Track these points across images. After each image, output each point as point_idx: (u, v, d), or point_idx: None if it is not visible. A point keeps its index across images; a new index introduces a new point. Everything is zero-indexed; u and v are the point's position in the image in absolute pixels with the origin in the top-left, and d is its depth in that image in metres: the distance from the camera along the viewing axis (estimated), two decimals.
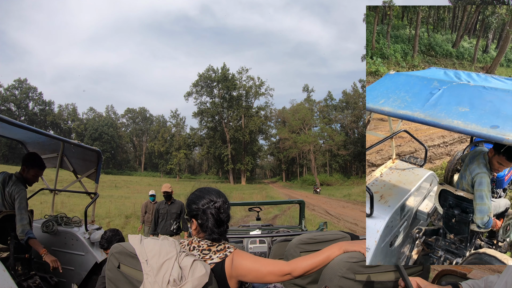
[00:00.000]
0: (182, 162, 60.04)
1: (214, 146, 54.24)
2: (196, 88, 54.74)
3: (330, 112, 59.07)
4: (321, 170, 53.90)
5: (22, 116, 60.17)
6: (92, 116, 67.84)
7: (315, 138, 50.84)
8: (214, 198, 1.40)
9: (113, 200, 20.19)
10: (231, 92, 54.31)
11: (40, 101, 62.95)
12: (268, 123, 60.87)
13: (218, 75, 54.31)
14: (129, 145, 74.99)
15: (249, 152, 55.80)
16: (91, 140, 59.10)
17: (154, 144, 63.64)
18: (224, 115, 55.27)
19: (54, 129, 64.13)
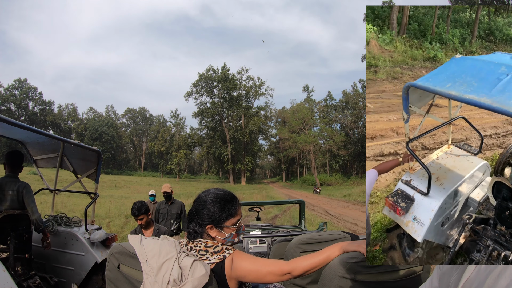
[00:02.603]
0: (182, 162, 60.05)
1: (214, 146, 54.24)
2: (196, 88, 54.76)
3: (330, 112, 59.08)
4: (321, 170, 53.90)
5: (22, 116, 60.17)
6: (92, 116, 67.85)
7: (315, 138, 50.84)
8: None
9: (113, 200, 20.19)
10: (231, 92, 54.31)
11: (40, 101, 62.96)
12: (268, 123, 60.91)
13: (218, 75, 54.31)
14: (129, 145, 75.02)
15: (249, 152, 55.80)
16: (91, 140, 59.10)
17: (154, 144, 63.65)
18: (224, 115, 55.26)
19: (54, 129, 64.13)
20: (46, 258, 3.36)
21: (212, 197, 1.41)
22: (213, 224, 1.38)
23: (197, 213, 1.40)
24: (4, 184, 2.92)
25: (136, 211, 3.34)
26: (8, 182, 2.95)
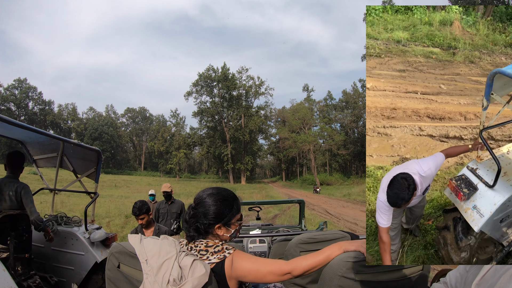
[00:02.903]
0: (182, 161, 60.05)
1: (214, 145, 54.23)
2: (196, 87, 54.74)
3: (330, 111, 59.09)
4: (321, 170, 53.92)
5: (22, 115, 60.14)
6: (92, 116, 67.84)
7: (315, 138, 50.86)
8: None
9: (113, 199, 20.19)
10: (231, 91, 54.28)
11: (40, 101, 62.93)
12: (268, 123, 60.89)
13: (218, 74, 54.28)
14: (129, 145, 75.01)
15: (249, 151, 55.80)
16: (91, 140, 59.07)
17: (154, 143, 63.64)
18: (224, 115, 55.25)
19: (54, 128, 64.11)
20: (46, 257, 3.36)
21: (219, 197, 1.41)
22: (222, 223, 1.39)
23: (204, 215, 1.38)
24: (3, 185, 2.92)
25: (137, 211, 3.33)
26: (8, 182, 2.95)
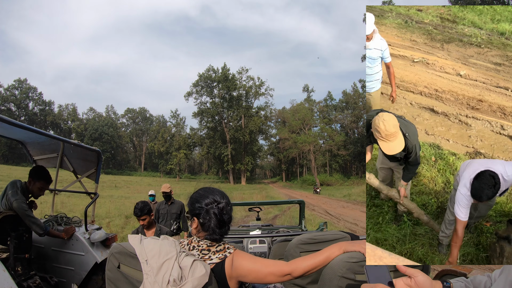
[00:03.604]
0: (182, 162, 60.06)
1: (214, 146, 54.22)
2: (196, 88, 54.75)
3: (330, 112, 59.10)
4: (321, 170, 53.90)
5: (22, 116, 60.17)
6: (92, 116, 67.87)
7: (315, 138, 50.85)
8: (218, 199, 1.40)
9: (113, 200, 20.18)
10: (231, 92, 54.29)
11: (40, 101, 62.96)
12: (268, 123, 60.87)
13: (218, 75, 54.28)
14: (129, 145, 75.00)
15: (249, 152, 55.79)
16: (91, 140, 59.08)
17: (154, 144, 63.65)
18: (224, 115, 55.25)
19: (54, 129, 64.12)
20: (46, 258, 3.36)
21: (222, 192, 1.46)
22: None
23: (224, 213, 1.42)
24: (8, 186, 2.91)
25: (138, 212, 3.33)
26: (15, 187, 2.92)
